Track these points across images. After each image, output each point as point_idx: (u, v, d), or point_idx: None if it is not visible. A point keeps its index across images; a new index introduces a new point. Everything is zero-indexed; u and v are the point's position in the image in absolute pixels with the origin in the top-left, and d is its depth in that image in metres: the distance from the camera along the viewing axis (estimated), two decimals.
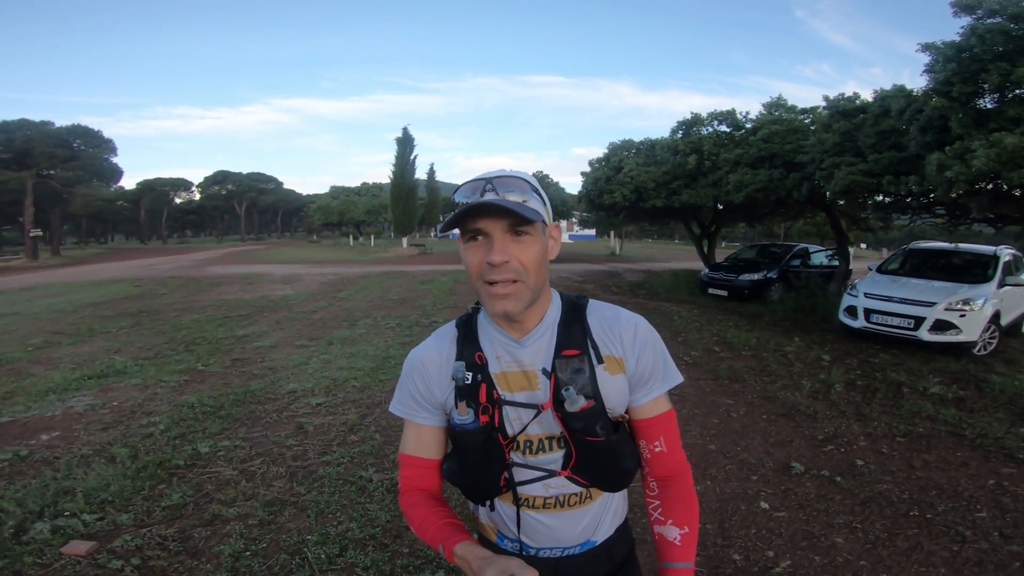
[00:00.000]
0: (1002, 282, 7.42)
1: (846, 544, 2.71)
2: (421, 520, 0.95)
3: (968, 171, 4.45)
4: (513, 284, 0.86)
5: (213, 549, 2.55)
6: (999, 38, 4.41)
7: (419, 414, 0.99)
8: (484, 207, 0.83)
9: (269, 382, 5.17)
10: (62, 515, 2.78)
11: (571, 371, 0.91)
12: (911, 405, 4.83)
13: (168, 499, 2.97)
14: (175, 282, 14.67)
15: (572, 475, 0.96)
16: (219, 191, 65.44)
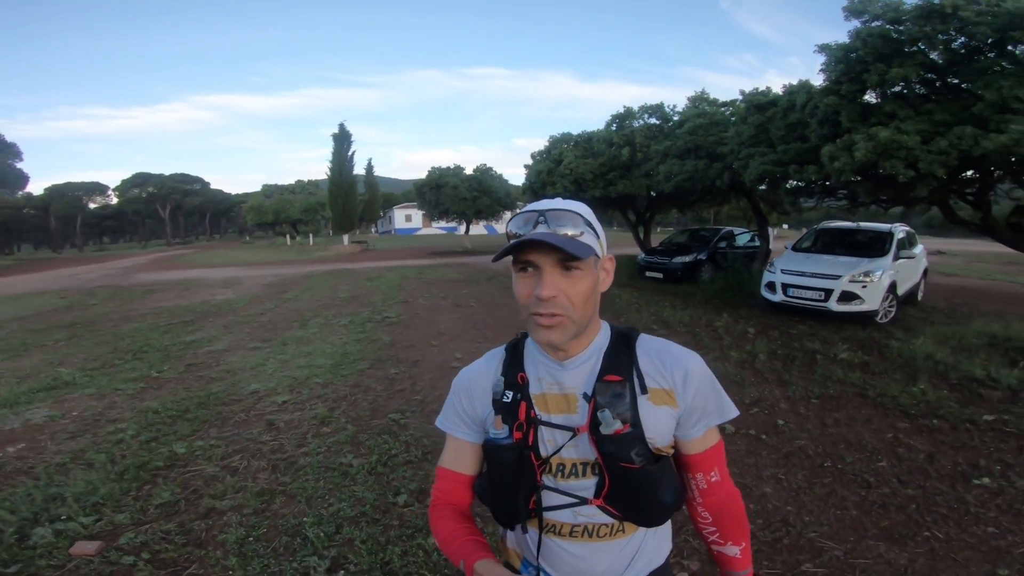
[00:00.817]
0: (896, 255, 8.41)
1: (774, 493, 3.19)
2: (447, 534, 0.97)
3: (852, 161, 5.16)
4: (558, 318, 0.87)
5: (217, 538, 2.74)
6: (878, 41, 5.09)
7: (460, 429, 1.03)
8: (536, 242, 0.85)
9: (230, 384, 5.25)
10: (59, 519, 2.87)
11: (611, 395, 0.92)
12: (823, 370, 5.52)
13: (159, 497, 3.11)
14: (104, 292, 13.95)
15: (604, 504, 0.95)
16: (139, 194, 61.42)
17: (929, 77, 5.31)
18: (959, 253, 22.96)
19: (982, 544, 2.64)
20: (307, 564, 2.49)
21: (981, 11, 4.43)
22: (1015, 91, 4.29)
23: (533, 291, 0.87)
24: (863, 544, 2.66)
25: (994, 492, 3.13)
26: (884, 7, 5.05)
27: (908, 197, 5.67)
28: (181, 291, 13.48)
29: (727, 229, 13.27)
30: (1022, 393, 4.76)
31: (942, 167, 4.61)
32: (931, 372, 5.41)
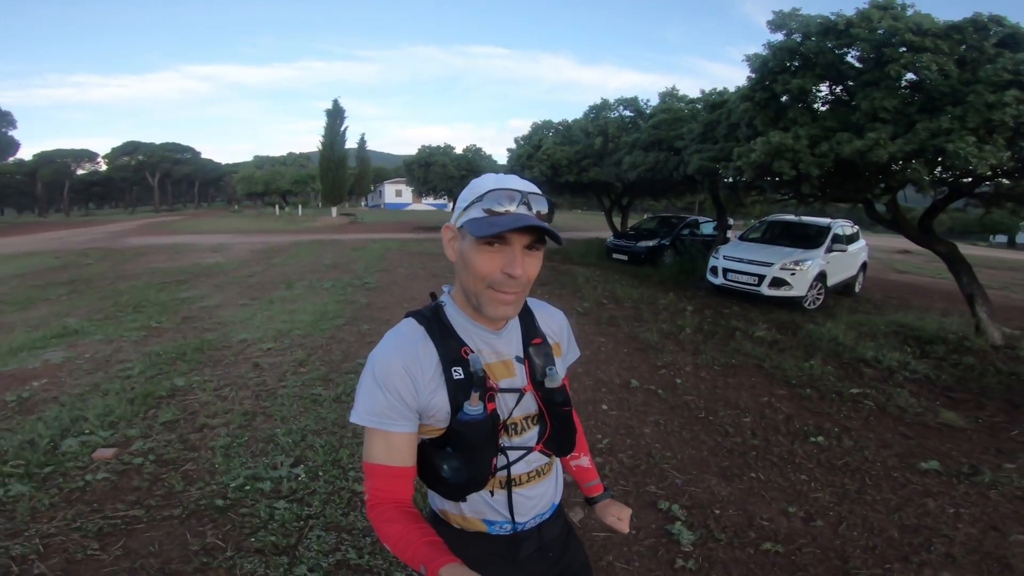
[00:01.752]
0: (830, 248, 9.31)
1: (651, 433, 4.00)
2: (398, 538, 0.93)
3: (749, 161, 5.97)
4: (518, 295, 0.96)
5: (208, 445, 3.54)
6: (786, 54, 5.83)
7: (395, 422, 0.97)
8: (534, 228, 0.92)
9: (221, 334, 6.05)
10: (83, 434, 3.60)
11: (543, 355, 1.08)
12: (736, 344, 6.39)
13: (163, 417, 3.89)
14: (96, 253, 14.53)
15: (543, 448, 1.10)
16: (129, 162, 61.05)
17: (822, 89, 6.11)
18: (924, 254, 24.01)
19: (790, 487, 3.28)
20: (276, 460, 3.31)
21: (871, 28, 5.19)
22: (884, 102, 5.07)
23: (500, 268, 0.93)
24: (701, 477, 3.40)
25: (822, 448, 3.82)
26: (800, 23, 5.79)
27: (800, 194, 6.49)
28: (172, 254, 14.13)
29: (692, 218, 14.14)
30: (897, 374, 5.56)
31: (818, 168, 5.42)
32: (829, 352, 6.27)
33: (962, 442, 4.05)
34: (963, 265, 7.05)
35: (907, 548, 2.71)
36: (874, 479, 3.43)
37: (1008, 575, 2.53)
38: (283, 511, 2.77)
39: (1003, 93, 4.47)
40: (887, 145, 4.85)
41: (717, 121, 8.15)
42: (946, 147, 4.53)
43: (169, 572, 2.35)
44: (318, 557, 2.45)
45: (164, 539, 2.57)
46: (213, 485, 3.03)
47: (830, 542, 2.75)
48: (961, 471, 3.55)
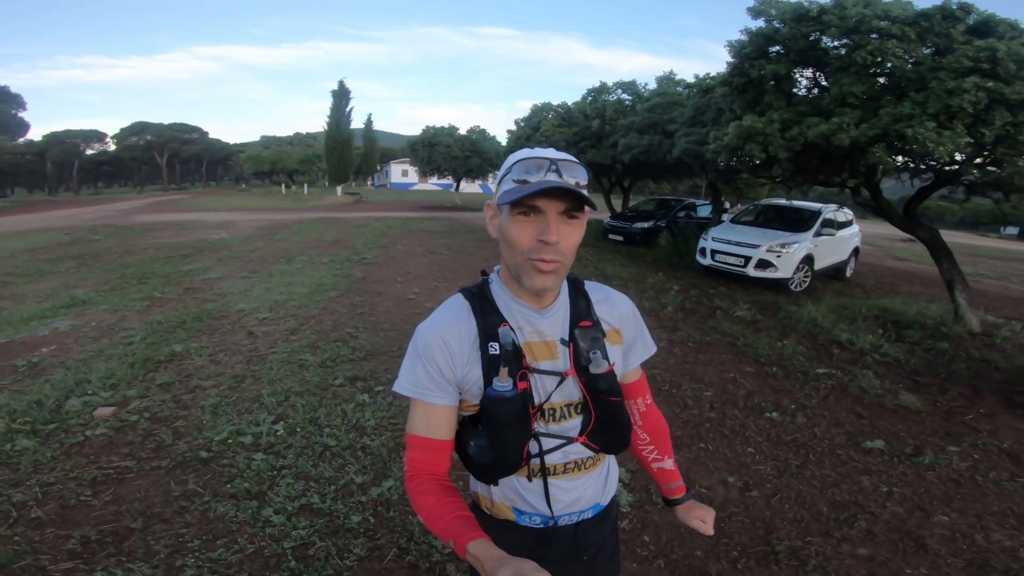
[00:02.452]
0: (818, 232, 9.43)
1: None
2: (431, 510, 0.94)
3: (723, 144, 6.12)
4: (556, 264, 0.92)
5: (199, 403, 3.83)
6: (763, 40, 5.94)
7: (434, 393, 0.99)
8: (549, 189, 0.88)
9: (220, 304, 6.35)
10: (85, 394, 3.90)
11: (590, 339, 1.02)
12: (715, 323, 6.59)
13: (160, 379, 4.18)
14: (105, 230, 14.87)
15: (587, 441, 1.05)
16: (137, 141, 61.50)
17: (806, 74, 6.21)
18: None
19: (735, 459, 3.44)
20: (259, 417, 3.60)
21: (843, 15, 5.28)
22: (852, 88, 5.19)
23: (535, 236, 0.91)
24: None
25: (775, 424, 3.98)
26: (779, 10, 5.89)
27: (774, 176, 6.62)
28: (179, 230, 14.46)
29: (689, 201, 14.23)
30: (867, 356, 5.73)
31: (787, 151, 5.57)
32: (805, 333, 6.46)
33: (914, 424, 4.19)
34: (944, 251, 7.18)
35: (832, 523, 2.84)
36: (817, 455, 3.60)
37: (921, 554, 2.64)
38: (259, 462, 3.06)
39: (963, 80, 4.58)
40: (850, 129, 4.98)
41: (707, 105, 8.25)
42: (906, 132, 4.66)
43: (150, 515, 2.62)
44: (285, 501, 2.73)
45: (150, 487, 2.85)
46: (199, 439, 3.32)
47: (760, 513, 2.92)
48: (904, 451, 3.70)
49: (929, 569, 2.53)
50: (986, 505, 3.11)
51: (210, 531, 2.52)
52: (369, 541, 2.50)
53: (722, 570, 2.46)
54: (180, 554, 2.37)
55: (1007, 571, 2.54)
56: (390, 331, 5.49)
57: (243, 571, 2.28)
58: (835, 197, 14.79)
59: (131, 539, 2.45)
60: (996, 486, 3.33)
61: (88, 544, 2.41)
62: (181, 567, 2.28)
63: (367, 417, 3.66)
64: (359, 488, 2.89)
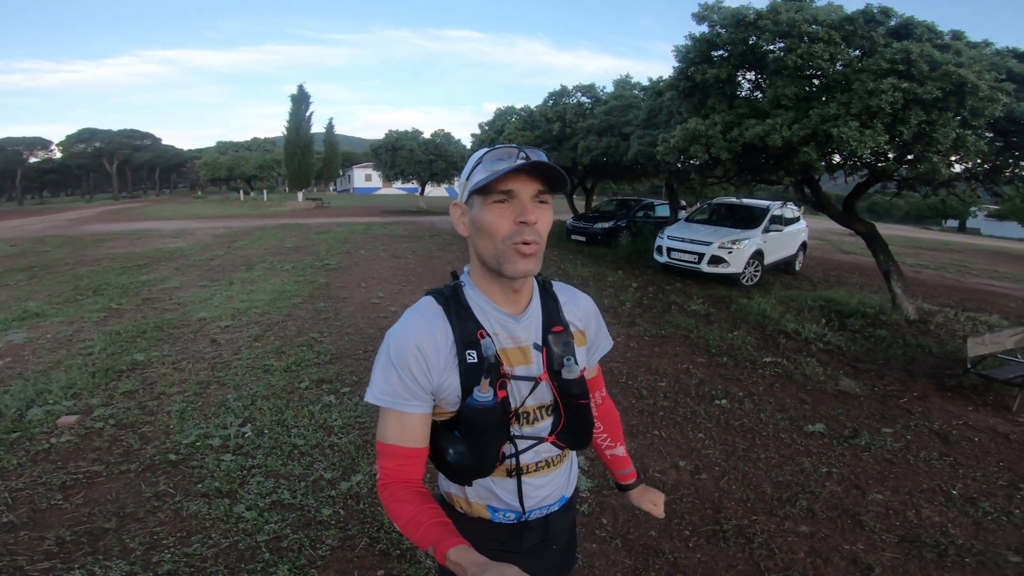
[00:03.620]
0: (767, 228, 9.89)
1: None
2: (408, 519, 0.94)
3: (669, 146, 6.45)
4: (535, 245, 0.95)
5: (165, 409, 3.85)
6: (705, 45, 6.30)
7: (409, 403, 0.98)
8: (522, 171, 0.91)
9: (181, 314, 6.30)
10: (47, 403, 3.87)
11: (562, 344, 1.04)
12: (670, 317, 6.87)
13: (123, 388, 4.17)
14: (54, 240, 14.32)
15: (556, 440, 1.09)
16: (85, 149, 59.04)
17: (748, 77, 6.58)
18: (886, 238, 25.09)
19: (686, 444, 3.65)
20: (226, 421, 3.65)
21: (776, 20, 5.65)
22: (785, 90, 5.57)
23: (514, 220, 0.92)
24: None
25: (724, 411, 4.21)
26: (720, 15, 6.22)
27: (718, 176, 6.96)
28: (133, 240, 14.04)
29: (648, 201, 14.66)
30: (812, 345, 6.06)
31: (728, 152, 5.91)
32: (754, 324, 6.79)
33: (853, 408, 4.46)
34: (880, 244, 7.67)
35: (775, 503, 3.03)
36: (763, 439, 3.84)
37: (858, 530, 2.81)
38: (229, 462, 3.13)
39: (882, 81, 4.97)
40: (782, 130, 5.34)
41: (659, 108, 8.60)
42: (832, 132, 5.03)
43: (123, 515, 2.68)
44: (256, 498, 2.82)
45: (121, 489, 2.90)
46: (168, 443, 3.37)
47: (710, 494, 3.11)
48: (843, 434, 3.94)
49: (865, 544, 2.73)
50: (916, 483, 3.35)
51: (184, 528, 2.59)
52: (340, 532, 2.61)
53: (674, 548, 2.65)
54: (156, 550, 2.43)
55: (937, 545, 2.74)
56: (355, 335, 5.56)
57: (219, 564, 2.37)
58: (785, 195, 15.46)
59: (106, 538, 2.51)
60: (927, 465, 3.59)
61: (63, 544, 2.45)
62: (158, 563, 2.35)
63: (334, 417, 3.75)
64: (328, 483, 3.00)
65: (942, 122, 4.96)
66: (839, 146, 5.17)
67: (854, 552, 2.68)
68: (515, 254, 0.94)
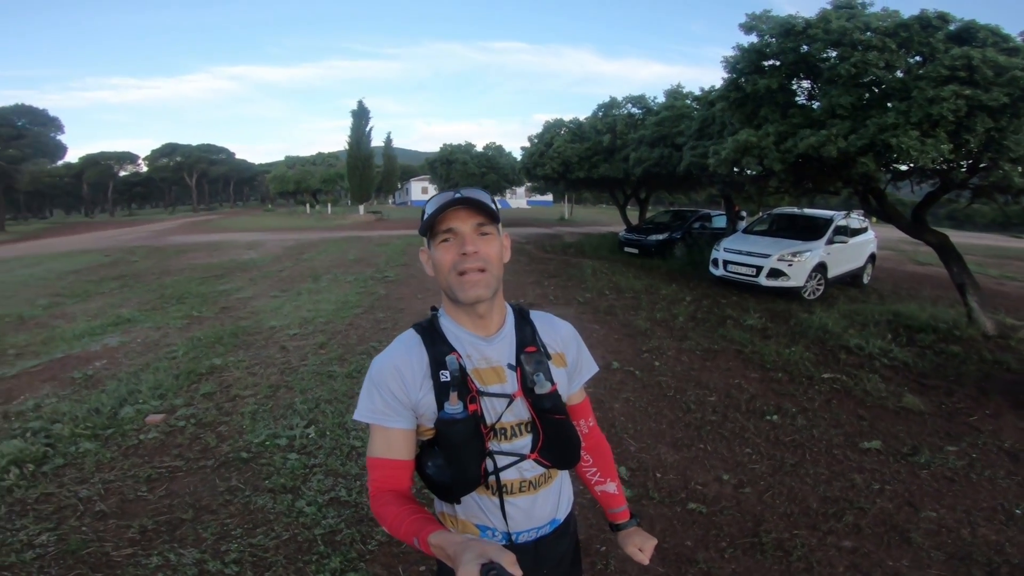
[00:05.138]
0: (831, 240, 9.51)
1: (619, 408, 4.43)
2: (392, 518, 1.00)
3: (719, 158, 6.33)
4: (482, 273, 1.04)
5: (239, 410, 4.21)
6: (755, 55, 6.16)
7: (391, 418, 1.07)
8: (458, 208, 1.04)
9: (254, 322, 6.79)
10: (138, 403, 4.31)
11: (535, 363, 1.11)
12: (724, 332, 6.73)
13: (203, 389, 4.59)
14: (142, 251, 15.65)
15: (539, 457, 1.13)
16: (167, 163, 64.04)
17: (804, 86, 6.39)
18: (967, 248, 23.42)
19: (732, 458, 3.60)
20: (293, 423, 3.95)
21: (827, 29, 5.48)
22: (840, 99, 5.38)
23: (456, 253, 1.04)
24: (653, 446, 3.79)
25: (775, 426, 4.14)
26: (768, 25, 6.10)
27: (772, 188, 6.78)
28: (211, 251, 15.14)
29: (704, 211, 14.38)
30: (876, 360, 5.81)
31: (781, 164, 5.75)
32: (814, 339, 6.56)
33: (915, 425, 4.29)
34: (954, 256, 7.25)
35: (819, 517, 2.98)
36: (814, 455, 3.75)
37: (905, 547, 2.74)
38: (293, 461, 3.40)
39: (942, 88, 4.74)
40: (838, 141, 5.17)
41: (712, 118, 8.49)
42: (891, 141, 4.83)
43: (199, 507, 2.97)
44: (316, 495, 3.06)
45: (198, 483, 3.21)
46: (240, 442, 3.69)
47: (752, 507, 3.09)
48: (901, 451, 3.81)
49: (911, 561, 2.67)
50: (976, 501, 3.21)
51: (251, 520, 2.85)
52: None
53: (709, 558, 2.67)
54: (225, 540, 2.70)
55: (989, 563, 2.65)
56: None
57: (279, 555, 2.60)
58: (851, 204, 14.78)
59: (182, 528, 2.80)
60: (990, 483, 3.42)
61: (146, 533, 2.76)
62: (225, 552, 2.61)
63: None
64: None
65: (1012, 128, 4.69)
66: (899, 156, 4.97)
67: (897, 568, 2.62)
68: (463, 283, 1.04)
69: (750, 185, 7.67)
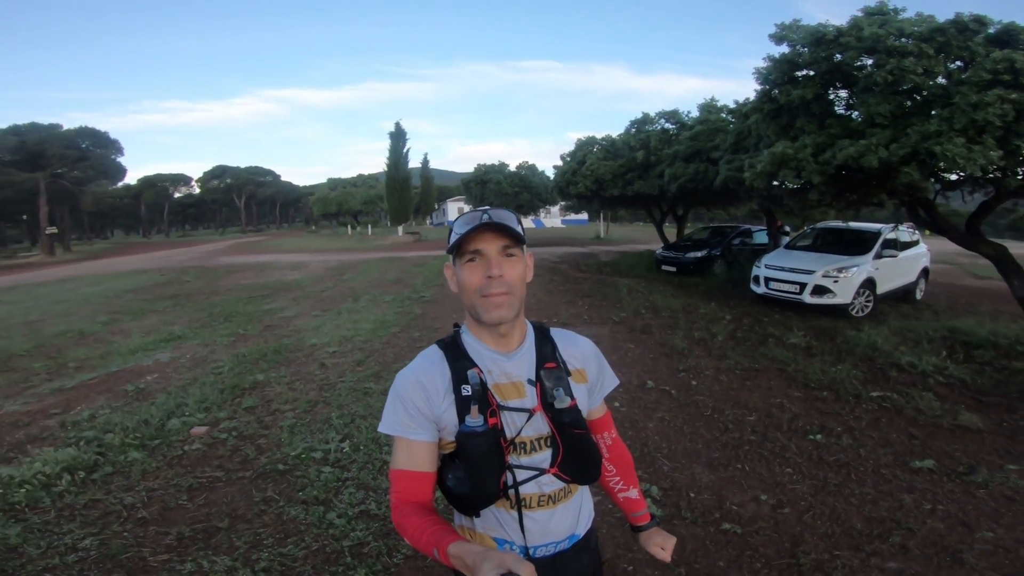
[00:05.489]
0: (879, 254, 9.12)
1: (653, 427, 4.34)
2: (414, 529, 1.02)
3: (755, 171, 6.17)
4: (506, 296, 1.07)
5: (278, 424, 4.34)
6: (786, 66, 6.00)
7: (414, 431, 1.09)
8: (485, 231, 1.06)
9: (296, 339, 7.02)
10: (184, 415, 4.51)
11: (554, 379, 1.13)
12: (765, 350, 6.49)
13: (245, 403, 4.76)
14: (194, 271, 16.44)
15: (558, 472, 1.14)
16: (218, 185, 67.17)
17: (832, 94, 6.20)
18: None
19: (771, 478, 3.50)
20: (328, 437, 4.04)
21: (860, 36, 5.31)
22: (879, 107, 5.17)
23: (483, 275, 1.06)
24: (687, 466, 3.69)
25: (818, 445, 3.98)
26: (799, 34, 5.97)
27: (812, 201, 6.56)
28: (257, 272, 15.76)
29: (745, 227, 14.07)
30: (929, 378, 5.54)
31: (820, 176, 5.56)
32: (862, 356, 6.28)
33: (972, 443, 4.07)
34: (1013, 267, 6.86)
35: (863, 538, 2.86)
36: (859, 475, 3.58)
37: (956, 568, 2.62)
38: (327, 474, 3.48)
39: (986, 93, 4.52)
40: (878, 150, 4.97)
41: (748, 131, 8.35)
42: (935, 149, 4.63)
43: (235, 516, 3.07)
44: (346, 507, 3.12)
45: (236, 493, 3.32)
46: (278, 454, 3.80)
47: (790, 528, 2.98)
48: (956, 470, 3.62)
49: None
50: None
51: (283, 531, 2.93)
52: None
53: None
54: (256, 549, 2.77)
55: None
56: None
57: (307, 564, 2.65)
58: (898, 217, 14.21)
59: (217, 536, 2.89)
60: None
61: (183, 540, 2.86)
62: (256, 560, 2.68)
63: None
64: None
65: None
66: (946, 165, 4.76)
67: None
68: (486, 304, 1.07)
69: (789, 199, 7.47)
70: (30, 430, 4.34)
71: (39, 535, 2.87)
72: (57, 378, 5.72)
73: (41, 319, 9.09)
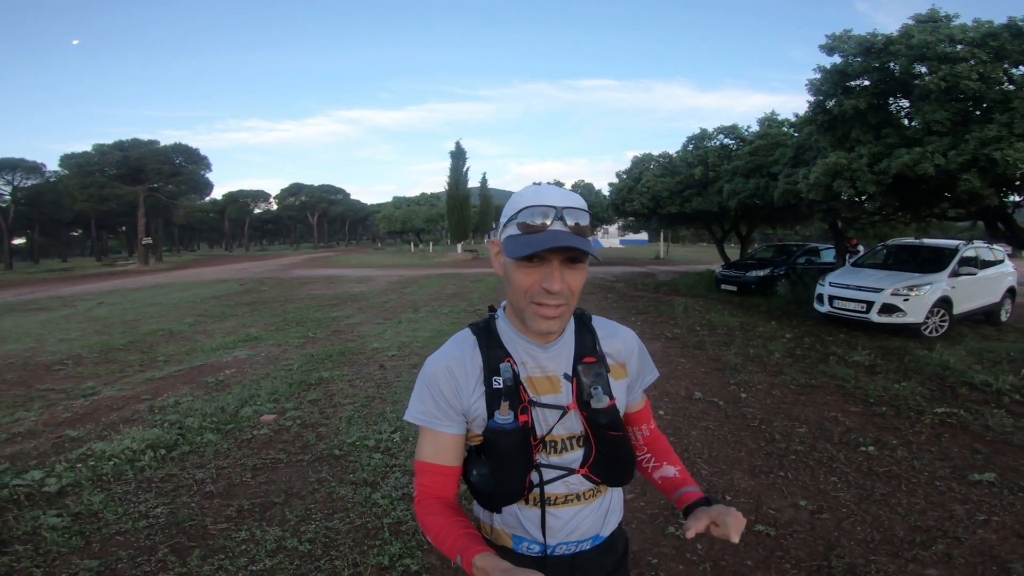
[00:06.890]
0: (956, 272, 8.57)
1: (696, 435, 4.34)
2: (438, 529, 0.96)
3: (808, 183, 5.98)
4: (560, 307, 0.95)
5: (338, 415, 4.69)
6: (838, 76, 5.84)
7: (441, 422, 1.01)
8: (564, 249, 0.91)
9: (359, 344, 7.48)
10: (255, 404, 4.96)
11: (593, 375, 1.04)
12: (825, 368, 6.26)
13: (310, 396, 5.17)
14: (270, 282, 17.67)
15: (588, 472, 1.06)
16: (293, 202, 71.22)
17: (882, 103, 5.96)
18: None
19: (813, 486, 3.43)
20: (381, 428, 4.34)
21: (910, 44, 5.12)
22: (935, 115, 4.94)
23: (538, 282, 0.93)
24: (728, 472, 3.67)
25: (869, 457, 3.88)
26: (850, 44, 5.83)
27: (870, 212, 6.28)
28: (327, 284, 16.74)
29: (812, 245, 13.53)
30: (1004, 396, 5.22)
31: (875, 185, 5.34)
32: (931, 375, 5.97)
33: None
34: None
35: (904, 545, 2.79)
36: (910, 486, 3.48)
37: None
38: (377, 460, 3.75)
39: None
40: (934, 157, 4.76)
41: (808, 144, 8.15)
42: (995, 156, 4.39)
43: (291, 494, 3.37)
44: (391, 489, 3.37)
45: (294, 473, 3.64)
46: (335, 441, 4.12)
47: (827, 532, 2.93)
48: (1020, 483, 3.46)
49: None
50: None
51: (332, 507, 3.19)
52: None
53: None
54: (305, 522, 3.04)
55: None
56: None
57: (348, 538, 2.88)
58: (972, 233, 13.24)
59: (272, 509, 3.19)
60: None
61: (242, 511, 3.17)
62: (303, 531, 2.94)
63: None
64: None
65: None
66: (1008, 171, 4.52)
67: None
68: (536, 313, 0.95)
69: (846, 210, 7.22)
70: (123, 412, 4.90)
71: (118, 503, 3.24)
72: (148, 369, 6.40)
73: (137, 319, 10.13)
